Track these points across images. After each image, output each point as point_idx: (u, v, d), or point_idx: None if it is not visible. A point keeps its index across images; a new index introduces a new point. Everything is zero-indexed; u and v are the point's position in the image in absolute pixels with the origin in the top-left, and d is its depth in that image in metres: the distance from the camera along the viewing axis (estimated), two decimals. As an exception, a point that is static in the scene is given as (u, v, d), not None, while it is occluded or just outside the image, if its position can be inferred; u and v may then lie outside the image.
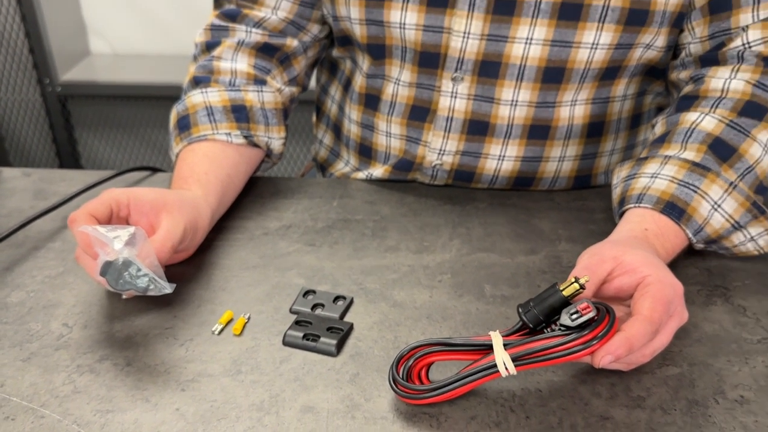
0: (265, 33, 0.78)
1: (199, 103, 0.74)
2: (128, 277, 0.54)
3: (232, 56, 0.77)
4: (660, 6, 0.67)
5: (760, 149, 0.63)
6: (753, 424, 0.49)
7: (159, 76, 2.12)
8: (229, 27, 0.78)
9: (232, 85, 0.75)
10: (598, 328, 0.47)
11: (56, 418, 0.50)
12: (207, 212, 0.66)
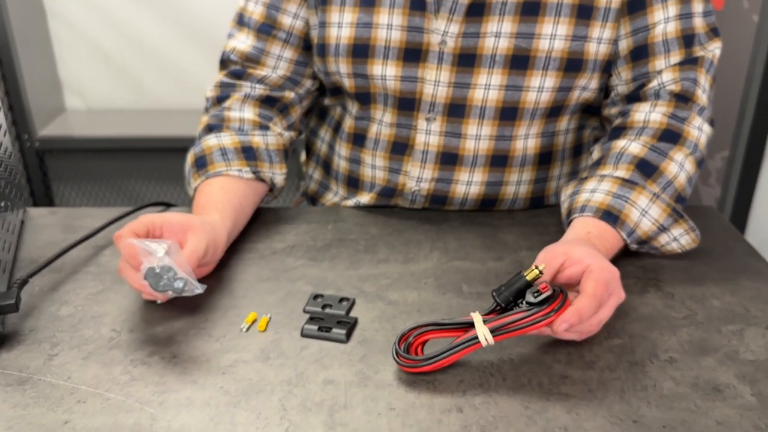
0: (266, 88, 0.92)
1: (214, 146, 0.87)
2: (167, 280, 0.65)
3: (240, 107, 0.91)
4: (592, 56, 0.84)
5: (676, 167, 0.79)
6: (679, 376, 0.62)
7: (132, 129, 2.22)
8: (236, 84, 0.92)
9: (241, 131, 0.89)
10: (554, 303, 0.60)
11: (120, 399, 0.60)
12: (224, 233, 0.78)
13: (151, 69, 2.28)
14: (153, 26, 2.20)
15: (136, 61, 2.26)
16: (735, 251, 0.85)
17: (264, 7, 0.91)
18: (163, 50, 2.24)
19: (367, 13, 0.86)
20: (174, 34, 2.21)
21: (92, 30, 2.23)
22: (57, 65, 2.30)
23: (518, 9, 0.82)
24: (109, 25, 2.20)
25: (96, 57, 2.27)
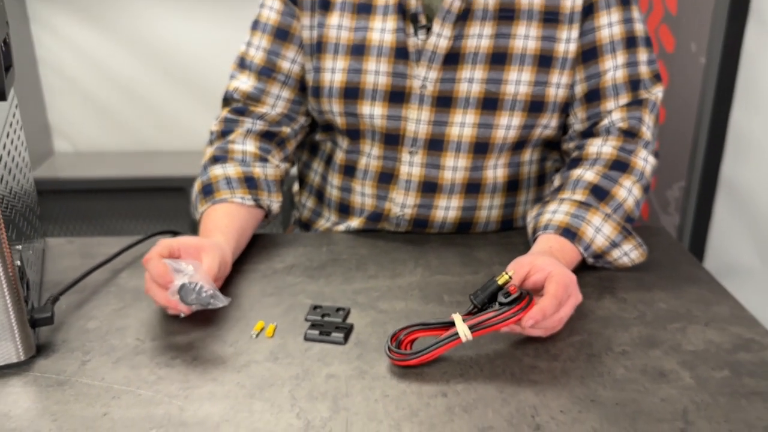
0: (266, 123, 1.03)
1: (220, 175, 0.98)
2: (197, 294, 0.75)
3: (243, 141, 1.02)
4: (552, 98, 0.97)
5: (625, 192, 0.91)
6: (630, 364, 0.73)
7: (118, 170, 2.31)
8: (239, 119, 1.03)
9: (244, 162, 1.00)
10: (522, 303, 0.71)
11: (150, 394, 0.70)
12: (229, 253, 0.88)
13: (136, 112, 2.38)
14: (137, 72, 2.31)
15: (121, 105, 2.36)
16: (680, 263, 0.97)
17: (265, 52, 1.03)
18: (148, 94, 2.35)
19: (357, 61, 0.98)
20: (157, 79, 2.33)
21: (80, 77, 2.32)
22: (47, 110, 2.40)
23: (488, 59, 0.95)
24: (96, 72, 2.30)
25: (83, 102, 2.37)
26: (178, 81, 2.34)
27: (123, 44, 2.26)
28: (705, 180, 1.78)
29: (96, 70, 2.31)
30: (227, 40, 2.20)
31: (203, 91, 2.32)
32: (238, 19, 2.18)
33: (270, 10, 1.04)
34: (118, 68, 2.31)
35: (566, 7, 0.95)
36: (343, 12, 1.00)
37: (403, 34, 0.97)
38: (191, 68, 2.32)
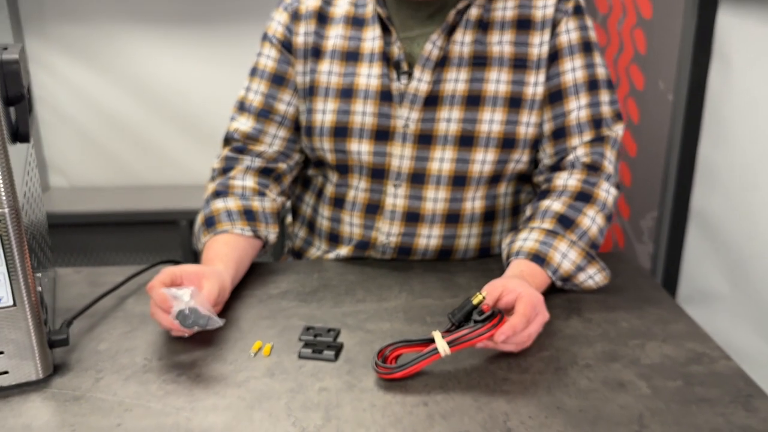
0: (264, 161, 1.12)
1: (221, 208, 1.06)
2: (194, 318, 0.82)
3: (242, 177, 1.10)
4: (522, 136, 1.06)
5: (589, 221, 1.00)
6: (593, 376, 0.81)
7: (113, 204, 2.37)
8: (239, 157, 1.12)
9: (243, 197, 1.08)
10: (494, 320, 0.80)
11: (159, 407, 0.77)
12: (228, 279, 0.95)
13: (129, 148, 2.45)
14: (130, 109, 2.39)
15: (115, 142, 2.44)
16: (643, 287, 1.05)
17: (263, 96, 1.12)
18: (140, 131, 2.42)
19: (346, 103, 1.08)
20: (149, 116, 2.41)
21: (75, 114, 2.40)
22: (43, 147, 2.47)
23: (464, 101, 1.05)
24: (90, 109, 2.38)
25: (78, 138, 2.44)
26: (169, 118, 2.42)
27: (116, 82, 2.34)
28: (676, 210, 1.86)
29: (90, 107, 2.39)
30: (217, 78, 2.31)
31: (194, 128, 2.40)
32: (227, 58, 2.29)
33: (267, 58, 1.13)
34: (112, 106, 2.39)
35: (533, 54, 1.05)
36: (333, 59, 1.10)
37: (387, 79, 1.07)
38: (182, 105, 2.40)
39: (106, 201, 2.40)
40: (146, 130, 2.42)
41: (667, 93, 1.83)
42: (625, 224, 2.13)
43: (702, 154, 1.74)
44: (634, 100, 2.00)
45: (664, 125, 1.85)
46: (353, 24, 1.11)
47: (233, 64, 2.15)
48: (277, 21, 1.14)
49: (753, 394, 0.79)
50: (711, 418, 0.74)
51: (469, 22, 1.06)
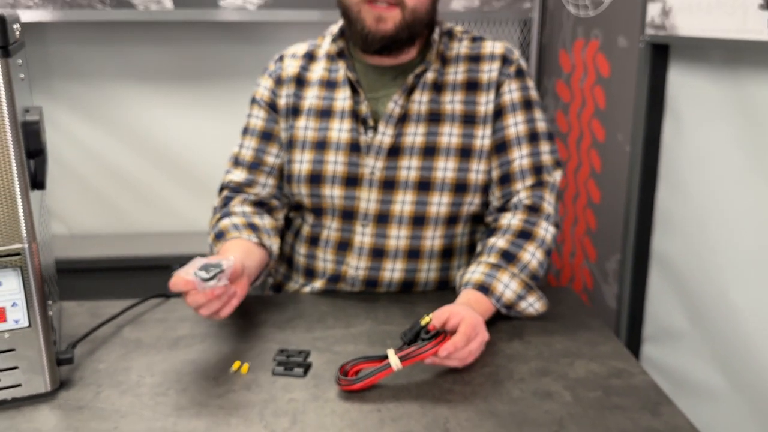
0: (258, 198, 1.27)
1: (228, 224, 1.20)
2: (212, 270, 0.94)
3: (241, 205, 1.25)
4: (473, 182, 1.21)
5: (529, 255, 1.15)
6: (525, 388, 0.95)
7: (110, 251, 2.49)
8: (235, 196, 1.27)
9: (245, 215, 1.23)
10: (438, 338, 0.93)
11: (150, 414, 0.89)
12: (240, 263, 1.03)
13: (126, 197, 2.59)
14: (129, 160, 2.53)
15: (113, 190, 2.57)
16: (579, 315, 1.19)
17: (254, 151, 1.28)
18: (137, 180, 2.56)
19: (320, 154, 1.23)
20: (147, 166, 2.55)
21: (76, 165, 2.54)
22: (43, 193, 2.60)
23: (421, 151, 1.20)
24: (90, 160, 2.52)
25: (78, 188, 2.57)
26: (165, 169, 2.56)
27: (116, 136, 2.49)
28: (638, 253, 1.97)
29: (91, 159, 2.53)
30: (210, 132, 2.47)
31: (188, 178, 2.55)
32: (219, 114, 2.46)
33: (256, 118, 1.30)
34: (111, 157, 2.53)
35: (481, 111, 1.21)
36: (309, 116, 1.26)
37: (356, 133, 1.23)
38: (177, 157, 2.55)
39: (105, 247, 2.51)
40: (143, 180, 2.56)
41: (625, 144, 1.97)
42: (593, 266, 2.25)
43: (660, 201, 1.88)
44: (596, 151, 2.15)
45: (623, 174, 1.97)
46: (327, 86, 1.27)
47: (225, 120, 2.32)
48: (264, 86, 1.31)
49: (661, 402, 0.92)
50: (621, 421, 0.88)
51: (426, 84, 1.23)
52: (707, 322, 1.61)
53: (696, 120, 1.66)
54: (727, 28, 1.40)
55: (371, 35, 1.15)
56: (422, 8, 1.16)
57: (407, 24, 1.15)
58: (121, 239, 2.59)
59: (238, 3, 2.22)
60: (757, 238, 1.39)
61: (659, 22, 1.73)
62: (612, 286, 2.13)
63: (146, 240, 2.57)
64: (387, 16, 1.13)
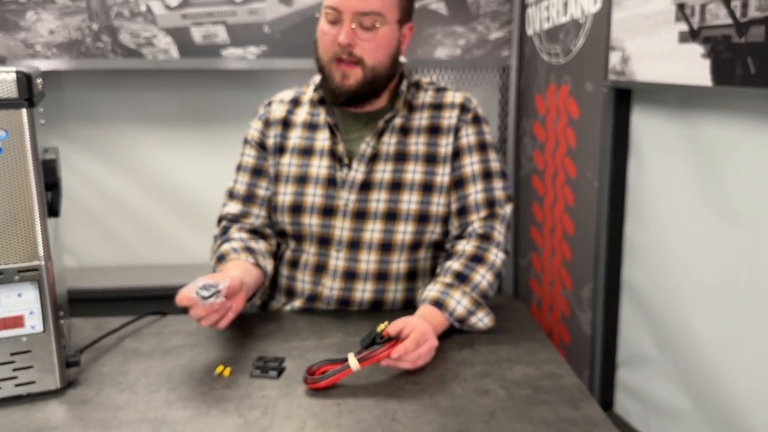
0: (252, 227, 1.44)
1: (228, 248, 1.37)
2: (211, 290, 1.11)
3: (238, 233, 1.42)
4: (434, 213, 1.38)
5: (479, 277, 1.31)
6: (467, 387, 1.10)
7: (117, 282, 2.65)
8: (232, 225, 1.44)
9: (242, 240, 1.39)
10: (390, 343, 1.09)
11: (143, 407, 1.05)
12: (238, 278, 1.20)
13: (133, 231, 2.75)
14: (135, 196, 2.70)
15: (120, 225, 2.74)
16: (527, 329, 1.34)
17: (246, 185, 1.46)
18: (143, 216, 2.73)
19: (301, 187, 1.41)
20: (153, 202, 2.71)
21: (86, 201, 2.71)
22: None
23: (389, 186, 1.37)
24: (99, 197, 2.69)
25: (87, 223, 2.74)
26: (169, 205, 2.72)
27: (124, 174, 2.65)
28: (609, 282, 2.08)
29: (101, 196, 2.69)
30: (212, 170, 2.62)
31: (191, 213, 2.71)
32: (220, 154, 2.61)
33: (248, 156, 1.48)
34: (120, 194, 2.69)
35: (441, 152, 1.39)
36: (293, 154, 1.44)
37: (333, 170, 1.40)
38: (181, 194, 2.71)
39: (112, 278, 2.66)
40: (148, 215, 2.73)
41: (594, 181, 2.10)
42: (569, 295, 2.38)
43: (627, 233, 2.00)
44: (569, 187, 2.30)
45: (593, 208, 2.10)
46: (309, 128, 1.45)
47: (226, 159, 2.48)
48: (254, 128, 1.50)
49: (583, 399, 1.07)
50: (544, 413, 1.02)
51: (394, 128, 1.40)
52: (672, 347, 1.72)
53: (657, 158, 1.80)
54: (677, 74, 1.55)
55: (338, 89, 1.34)
56: (381, 66, 1.34)
57: (368, 81, 1.34)
58: (127, 271, 2.74)
59: (239, 53, 2.43)
60: (712, 266, 1.52)
61: (620, 69, 1.87)
62: (587, 313, 2.22)
63: (151, 271, 2.72)
64: (350, 73, 1.32)
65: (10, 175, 1.02)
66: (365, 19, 1.30)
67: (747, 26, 1.29)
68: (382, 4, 1.31)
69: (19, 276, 1.05)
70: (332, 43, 1.32)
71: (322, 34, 1.35)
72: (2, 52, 2.38)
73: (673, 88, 1.60)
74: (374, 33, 1.31)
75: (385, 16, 1.32)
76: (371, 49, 1.32)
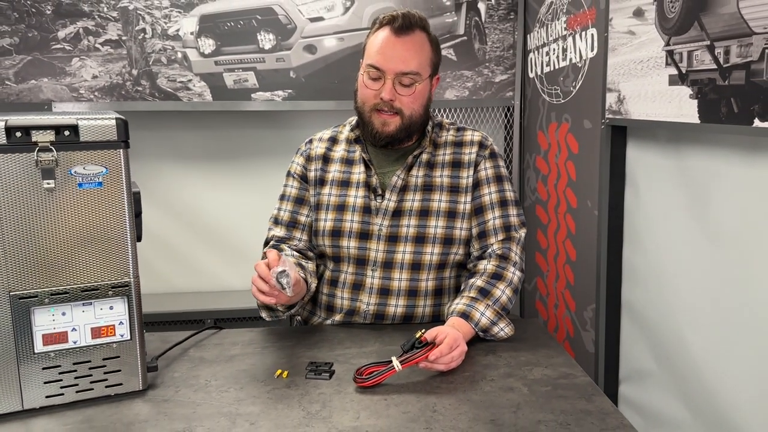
0: (296, 249, 1.62)
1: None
2: (285, 278, 1.30)
3: (289, 250, 1.60)
4: (458, 237, 1.57)
5: (500, 292, 1.49)
6: (494, 385, 1.27)
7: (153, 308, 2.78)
8: (281, 245, 1.62)
9: (295, 257, 1.57)
10: (427, 347, 1.27)
11: (218, 403, 1.22)
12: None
13: (166, 260, 2.93)
14: (169, 227, 2.88)
15: (154, 254, 2.92)
16: (541, 339, 1.52)
17: (290, 213, 1.65)
18: (175, 245, 2.91)
19: (340, 214, 1.60)
20: (184, 233, 2.89)
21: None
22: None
23: (418, 213, 1.57)
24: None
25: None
26: (199, 235, 2.90)
27: (161, 207, 2.86)
28: (609, 303, 2.21)
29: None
30: (239, 203, 2.84)
31: (220, 243, 2.88)
32: (248, 188, 2.83)
33: (291, 187, 1.68)
34: (153, 225, 2.88)
35: (463, 183, 1.58)
36: (332, 185, 1.64)
37: (368, 199, 1.60)
38: (211, 225, 2.90)
39: (146, 305, 2.82)
40: (180, 245, 2.92)
41: (594, 209, 2.27)
42: (573, 315, 2.54)
43: (625, 257, 2.16)
44: (571, 216, 2.48)
45: (593, 235, 2.27)
46: (346, 163, 1.65)
47: (253, 192, 2.70)
48: (297, 162, 1.70)
49: (595, 394, 1.25)
50: (562, 404, 1.20)
51: (421, 162, 1.61)
52: (670, 362, 1.86)
53: (650, 188, 1.97)
54: (668, 113, 1.73)
55: (379, 135, 1.54)
56: (416, 115, 1.55)
57: (405, 127, 1.54)
58: (160, 298, 2.91)
59: (267, 96, 2.65)
60: (703, 284, 1.67)
61: (616, 108, 2.05)
62: (590, 332, 2.36)
63: (183, 298, 2.89)
64: (390, 121, 1.53)
65: (108, 205, 1.21)
66: (405, 78, 1.51)
67: (729, 71, 1.47)
68: (419, 64, 1.52)
69: (112, 291, 1.24)
70: (374, 96, 1.53)
71: (363, 86, 1.56)
72: (49, 95, 2.59)
73: (664, 125, 1.77)
74: (412, 89, 1.52)
75: (421, 74, 1.52)
76: (409, 102, 1.52)
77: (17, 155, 1.12)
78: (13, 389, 1.18)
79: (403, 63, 1.50)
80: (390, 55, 1.50)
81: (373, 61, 1.51)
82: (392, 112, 1.52)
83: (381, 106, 1.52)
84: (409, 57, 1.51)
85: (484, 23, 2.77)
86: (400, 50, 1.51)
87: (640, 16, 1.86)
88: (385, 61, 1.50)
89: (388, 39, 1.51)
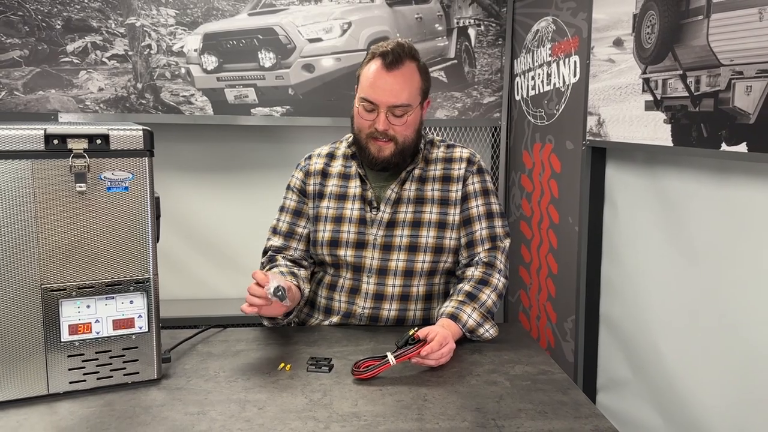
0: (293, 258, 1.75)
1: (276, 271, 1.66)
2: (281, 291, 1.41)
3: (283, 260, 1.72)
4: (447, 246, 1.70)
5: (486, 296, 1.62)
6: (479, 379, 1.40)
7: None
8: (277, 255, 1.74)
9: (287, 266, 1.69)
10: (419, 344, 1.40)
11: (227, 392, 1.34)
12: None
13: (163, 268, 3.02)
14: (166, 235, 2.97)
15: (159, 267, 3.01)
16: (523, 339, 1.65)
17: (288, 224, 1.78)
18: (173, 254, 3.01)
19: (337, 225, 1.73)
20: (181, 242, 2.99)
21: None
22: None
23: (410, 224, 1.70)
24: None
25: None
26: (196, 244, 3.01)
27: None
28: (588, 314, 2.32)
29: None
30: (235, 214, 2.95)
31: (216, 253, 2.97)
32: (245, 200, 2.94)
33: (290, 200, 1.80)
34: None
35: (452, 197, 1.72)
36: (330, 198, 1.76)
37: (363, 211, 1.73)
38: (207, 235, 3.00)
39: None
40: (177, 253, 3.01)
41: (575, 225, 2.39)
42: (554, 326, 2.65)
43: (604, 271, 2.29)
44: (553, 231, 2.61)
45: (574, 250, 2.39)
46: (343, 177, 1.78)
47: (249, 204, 2.81)
48: (296, 177, 1.82)
49: (570, 388, 1.38)
50: (541, 396, 1.33)
51: (414, 177, 1.74)
52: (644, 371, 1.97)
53: (628, 206, 2.10)
54: (644, 136, 1.85)
55: (375, 160, 1.67)
56: (409, 140, 1.68)
57: (399, 151, 1.67)
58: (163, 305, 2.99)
59: (266, 111, 2.78)
60: (677, 298, 1.78)
61: (596, 131, 2.18)
62: (570, 343, 2.47)
63: (179, 305, 2.99)
64: (385, 147, 1.66)
65: (133, 207, 1.33)
66: (396, 110, 1.64)
67: (700, 98, 1.60)
68: (409, 96, 1.64)
69: (133, 286, 1.35)
70: (369, 126, 1.65)
71: (358, 116, 1.68)
72: (56, 106, 2.71)
73: (640, 147, 1.90)
74: (404, 119, 1.65)
75: (411, 105, 1.65)
76: (401, 130, 1.65)
77: (54, 161, 1.24)
78: (40, 375, 1.29)
79: (394, 96, 1.62)
80: (382, 90, 1.62)
81: (366, 95, 1.64)
82: (386, 139, 1.65)
83: (376, 135, 1.65)
84: (399, 90, 1.63)
85: (473, 48, 2.93)
86: (391, 84, 1.62)
87: (619, 46, 2.00)
88: (377, 96, 1.62)
89: (379, 73, 1.63)
